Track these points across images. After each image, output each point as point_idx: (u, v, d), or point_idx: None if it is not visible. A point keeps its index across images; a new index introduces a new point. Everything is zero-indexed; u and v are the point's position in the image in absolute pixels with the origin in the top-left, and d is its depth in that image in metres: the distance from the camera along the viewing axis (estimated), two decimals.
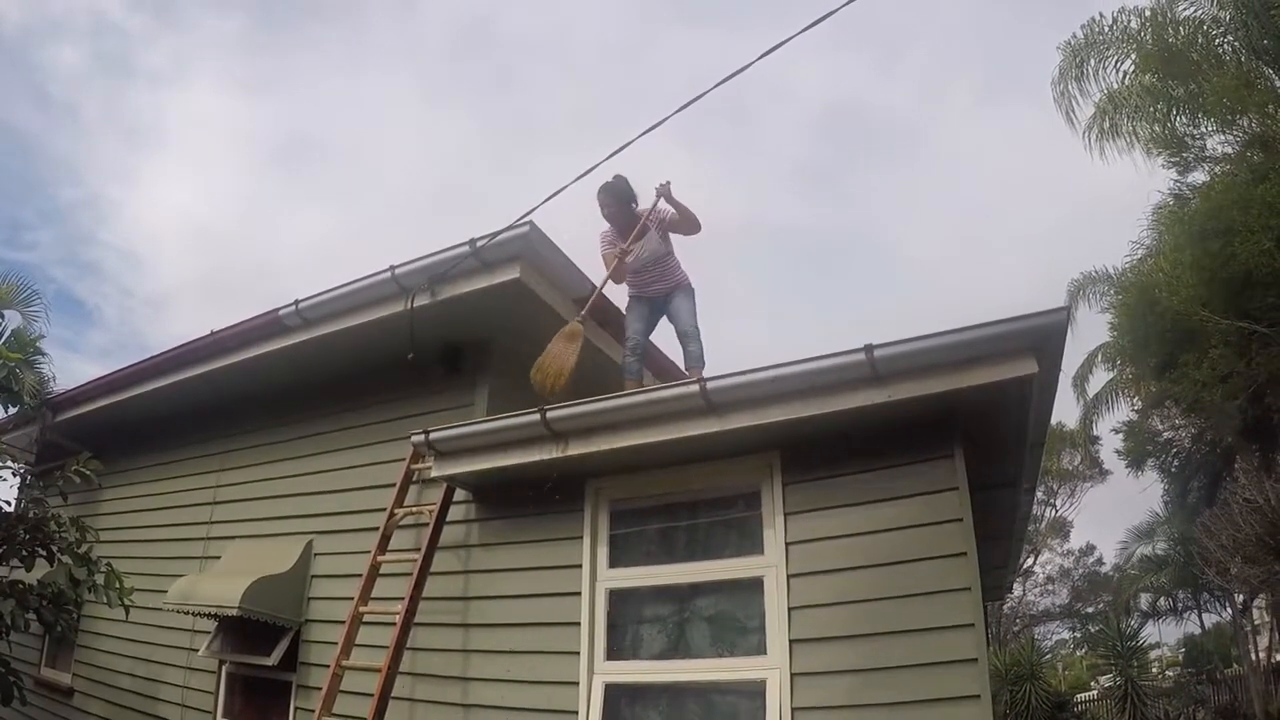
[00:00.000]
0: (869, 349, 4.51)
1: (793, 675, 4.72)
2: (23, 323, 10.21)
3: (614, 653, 5.47)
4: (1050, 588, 37.14)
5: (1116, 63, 15.91)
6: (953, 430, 4.71)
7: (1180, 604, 29.45)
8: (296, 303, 7.20)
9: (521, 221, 6.09)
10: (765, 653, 4.89)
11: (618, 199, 6.95)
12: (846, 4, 4.51)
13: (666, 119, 5.16)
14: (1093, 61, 16.03)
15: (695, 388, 5.03)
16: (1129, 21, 15.54)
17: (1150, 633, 29.84)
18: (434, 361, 6.99)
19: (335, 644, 6.14)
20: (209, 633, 7.58)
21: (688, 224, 6.86)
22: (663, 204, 6.87)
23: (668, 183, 6.83)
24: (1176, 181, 16.71)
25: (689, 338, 6.78)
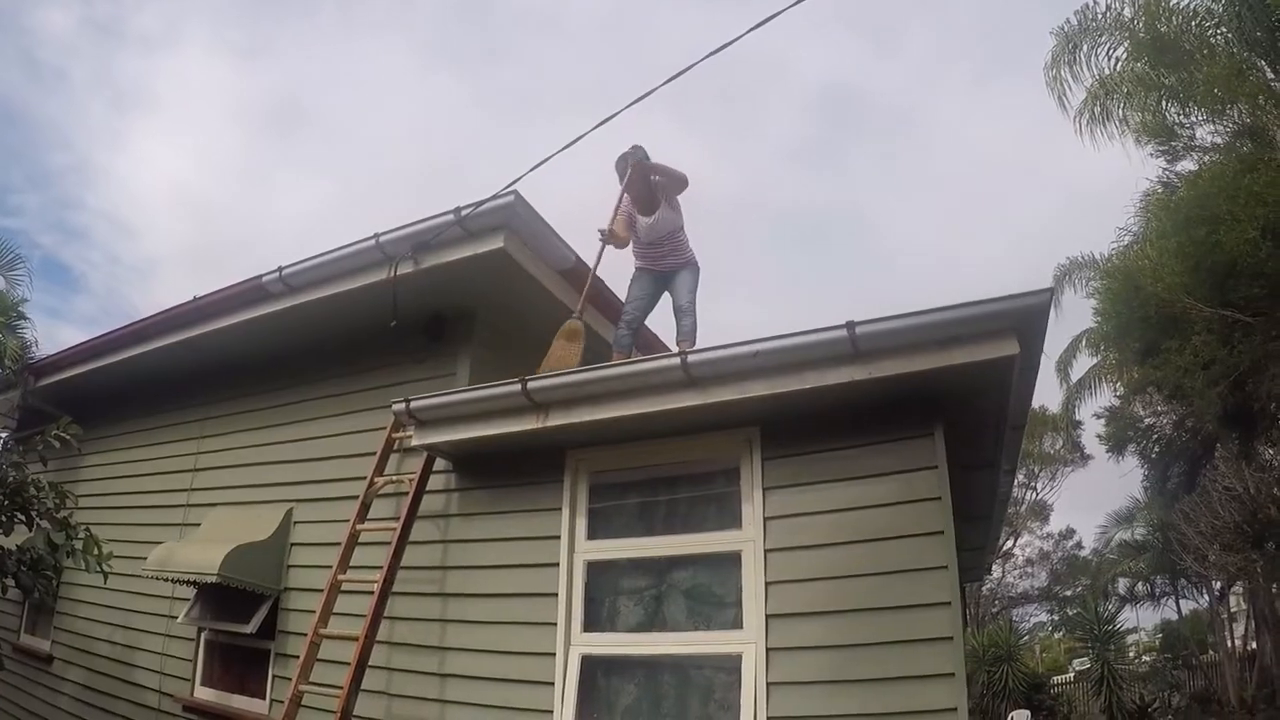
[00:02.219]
0: (850, 326, 4.48)
1: (768, 650, 4.72)
2: (6, 287, 10.12)
3: (591, 624, 5.47)
4: (1029, 570, 37.41)
5: (1109, 50, 15.88)
6: (933, 409, 4.70)
7: (1158, 589, 29.70)
8: (280, 269, 7.13)
9: (506, 191, 6.04)
10: (742, 627, 4.89)
11: (637, 167, 6.86)
12: None
13: (654, 90, 5.13)
14: (1085, 47, 16.00)
15: (676, 360, 5.02)
16: (1122, 9, 15.49)
17: (1128, 617, 30.05)
18: (417, 331, 6.95)
19: (313, 612, 6.11)
20: (188, 600, 7.55)
21: (676, 181, 6.80)
22: (656, 176, 6.81)
23: (638, 148, 6.84)
24: (1165, 170, 16.70)
25: (684, 313, 6.74)
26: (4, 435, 8.24)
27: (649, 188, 6.82)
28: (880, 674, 4.41)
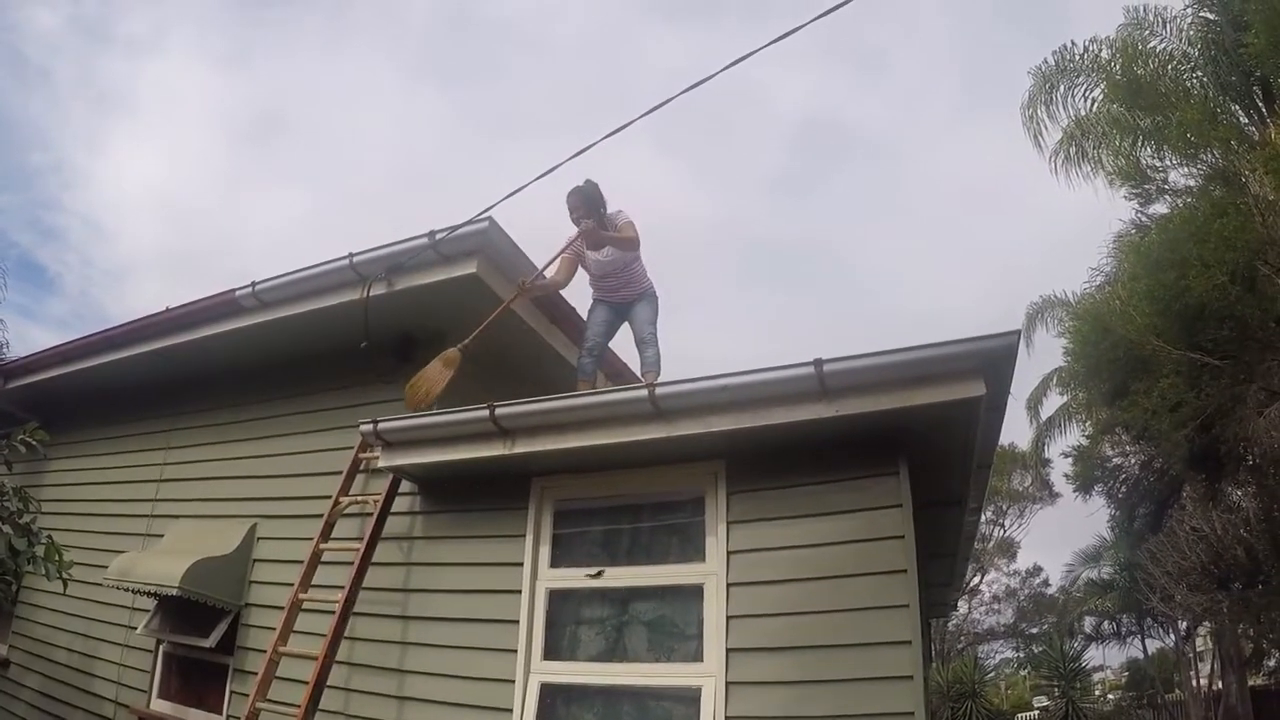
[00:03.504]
0: (818, 364, 4.49)
1: (728, 684, 4.69)
2: None
3: (551, 652, 5.42)
4: (996, 607, 37.54)
5: (1086, 91, 16.04)
6: (899, 447, 4.70)
7: (1124, 628, 29.78)
8: (253, 284, 7.10)
9: (481, 217, 6.05)
10: (702, 660, 4.86)
11: (588, 203, 6.82)
12: (816, 19, 4.49)
13: (630, 124, 5.13)
14: (1062, 88, 16.15)
15: (644, 392, 5.01)
16: (1100, 51, 15.65)
17: (1093, 655, 30.22)
18: (387, 351, 6.92)
19: (274, 629, 6.04)
20: (148, 611, 7.45)
21: (627, 246, 6.76)
22: (616, 216, 6.81)
23: (589, 224, 6.72)
24: (1138, 212, 16.85)
25: (646, 344, 6.71)
26: None
27: (599, 222, 6.78)
28: (840, 711, 4.39)
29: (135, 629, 7.61)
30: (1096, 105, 15.96)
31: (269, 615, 6.67)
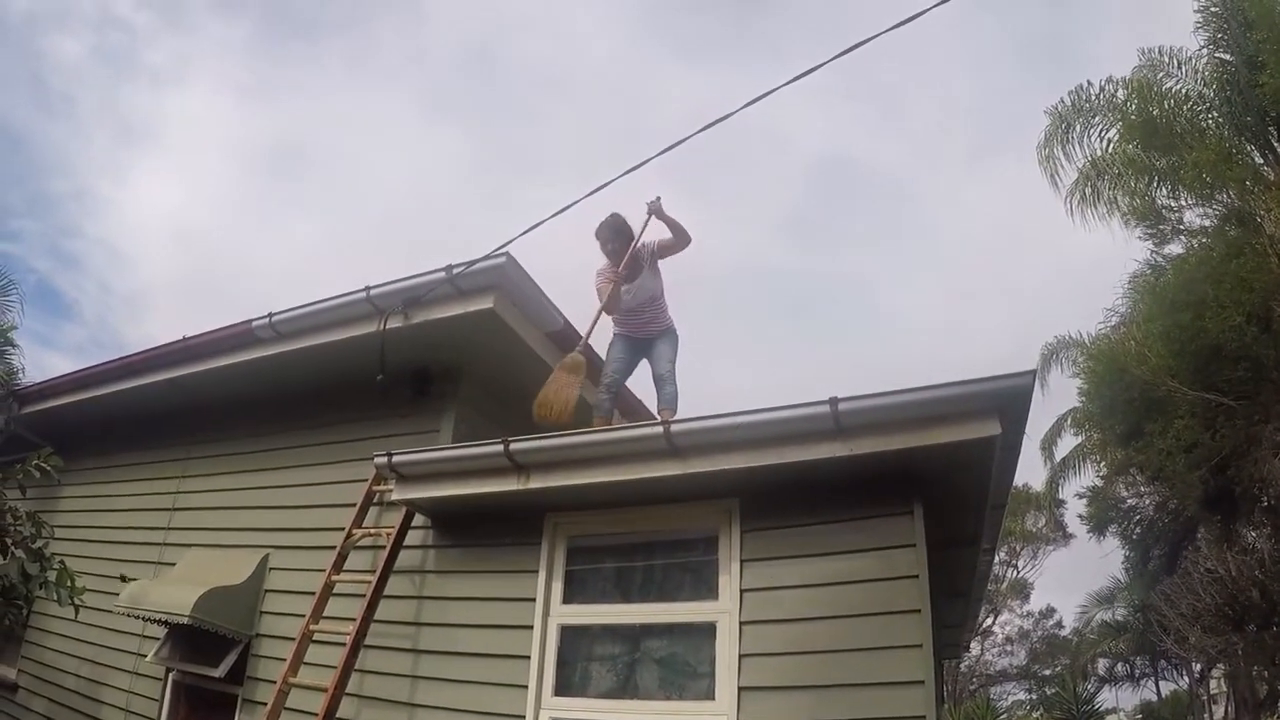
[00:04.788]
0: (833, 402, 4.52)
1: None
2: None
3: (562, 689, 5.41)
4: (1009, 648, 37.30)
5: (1102, 131, 16.10)
6: (913, 487, 4.71)
7: (1138, 670, 29.56)
8: (270, 315, 7.16)
9: (498, 252, 6.09)
10: (714, 698, 4.85)
11: (619, 235, 6.87)
12: (832, 59, 4.53)
13: (647, 161, 5.16)
14: (1078, 128, 16.20)
15: (659, 429, 5.04)
16: (1115, 91, 15.72)
17: (1107, 698, 29.93)
18: (403, 385, 6.96)
19: (284, 660, 6.04)
20: (158, 639, 7.45)
21: (679, 238, 6.80)
22: (653, 235, 6.86)
23: (658, 198, 6.78)
24: (1153, 252, 16.89)
25: (665, 380, 6.72)
26: None
27: (632, 254, 6.84)
28: None
29: (145, 657, 7.61)
30: (1112, 145, 16.02)
31: (279, 646, 6.67)
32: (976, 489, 5.08)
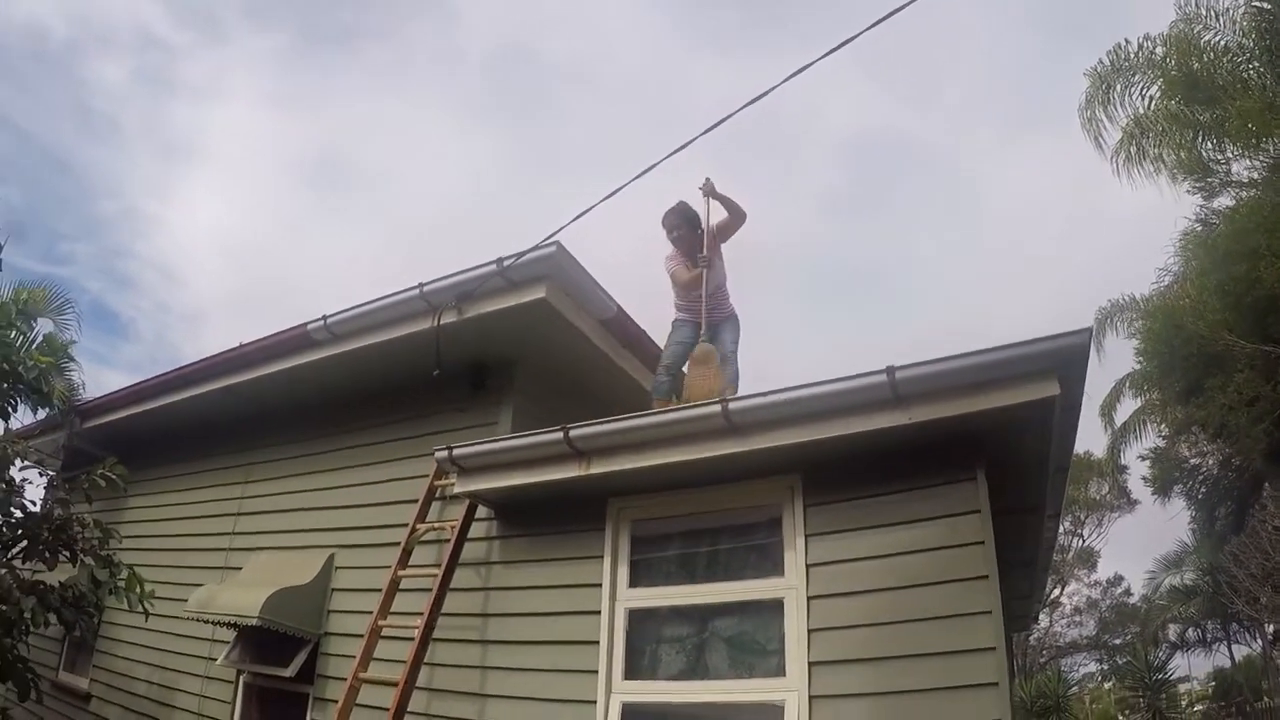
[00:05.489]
0: (890, 370, 4.53)
1: (811, 698, 4.69)
2: (54, 330, 10.32)
3: (632, 672, 5.46)
4: (1077, 619, 36.92)
5: (1143, 89, 15.93)
6: (975, 453, 4.71)
7: (1209, 635, 29.16)
8: (325, 318, 7.29)
9: (548, 242, 6.13)
10: (784, 675, 4.87)
11: (686, 221, 7.02)
12: (866, 30, 4.53)
13: (692, 141, 5.17)
14: (1119, 87, 16.05)
15: (718, 408, 5.06)
16: (1154, 48, 15.56)
17: (1179, 665, 29.57)
18: (459, 380, 7.08)
19: (353, 657, 6.18)
20: (228, 642, 7.63)
21: (735, 215, 6.90)
22: (712, 218, 6.95)
23: (709, 180, 6.89)
24: (1202, 207, 16.69)
25: (726, 361, 6.78)
26: (50, 475, 8.38)
27: (696, 239, 6.91)
28: None
29: (215, 660, 7.79)
30: (1154, 103, 15.85)
31: (348, 643, 6.82)
32: (1038, 452, 5.08)
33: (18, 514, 7.40)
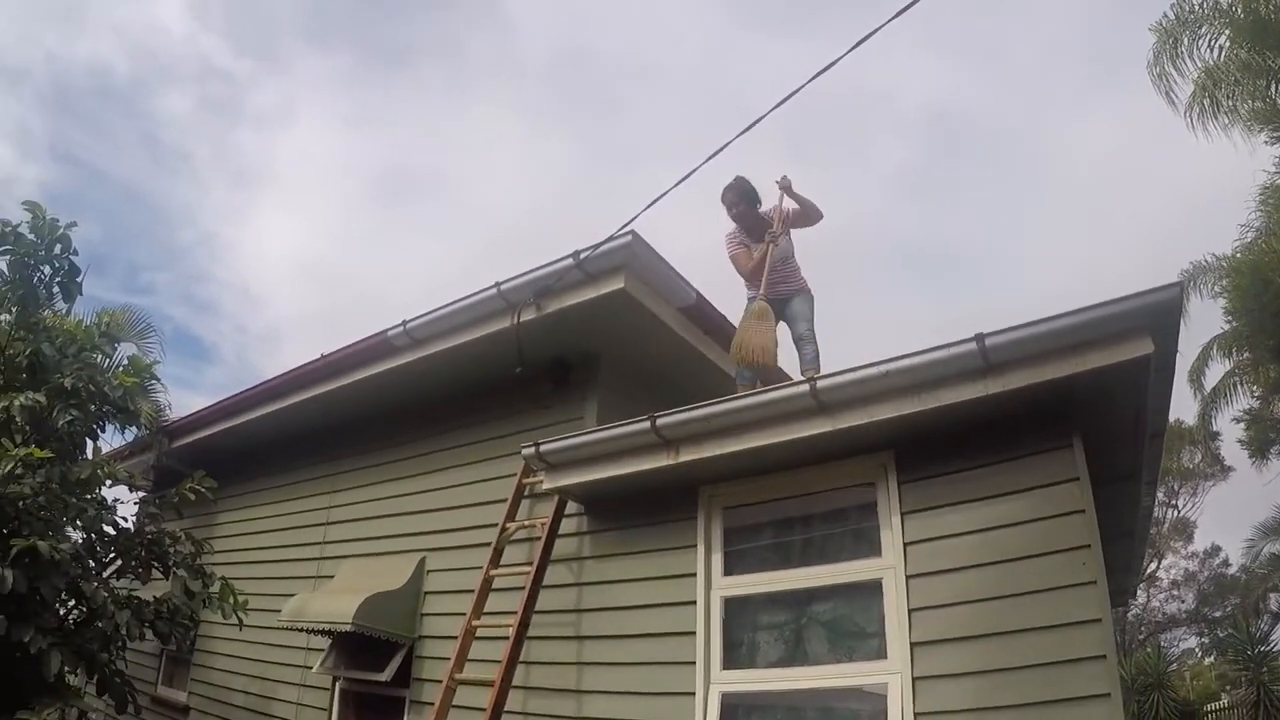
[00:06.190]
0: (980, 338, 4.55)
1: (914, 679, 4.71)
2: (138, 354, 10.66)
3: (730, 662, 5.53)
4: (1175, 593, 36.17)
5: (1210, 40, 15.72)
6: (1070, 419, 4.72)
7: None
8: (404, 323, 7.50)
9: (623, 231, 6.22)
10: (885, 657, 4.90)
11: (745, 198, 7.14)
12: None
13: (761, 119, 5.19)
14: (1186, 40, 15.85)
15: (805, 387, 5.12)
16: None
17: None
18: (542, 377, 7.24)
19: (448, 659, 6.36)
20: (322, 650, 7.89)
21: (809, 215, 7.04)
22: (785, 200, 7.04)
23: (786, 178, 7.00)
24: None
25: (805, 341, 6.88)
26: (142, 491, 8.66)
27: (757, 216, 7.01)
28: (1033, 698, 4.37)
29: (311, 668, 8.05)
30: (1223, 53, 15.63)
31: (442, 646, 7.03)
32: (1132, 416, 5.05)
33: (111, 531, 7.66)
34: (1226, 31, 15.47)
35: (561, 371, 7.22)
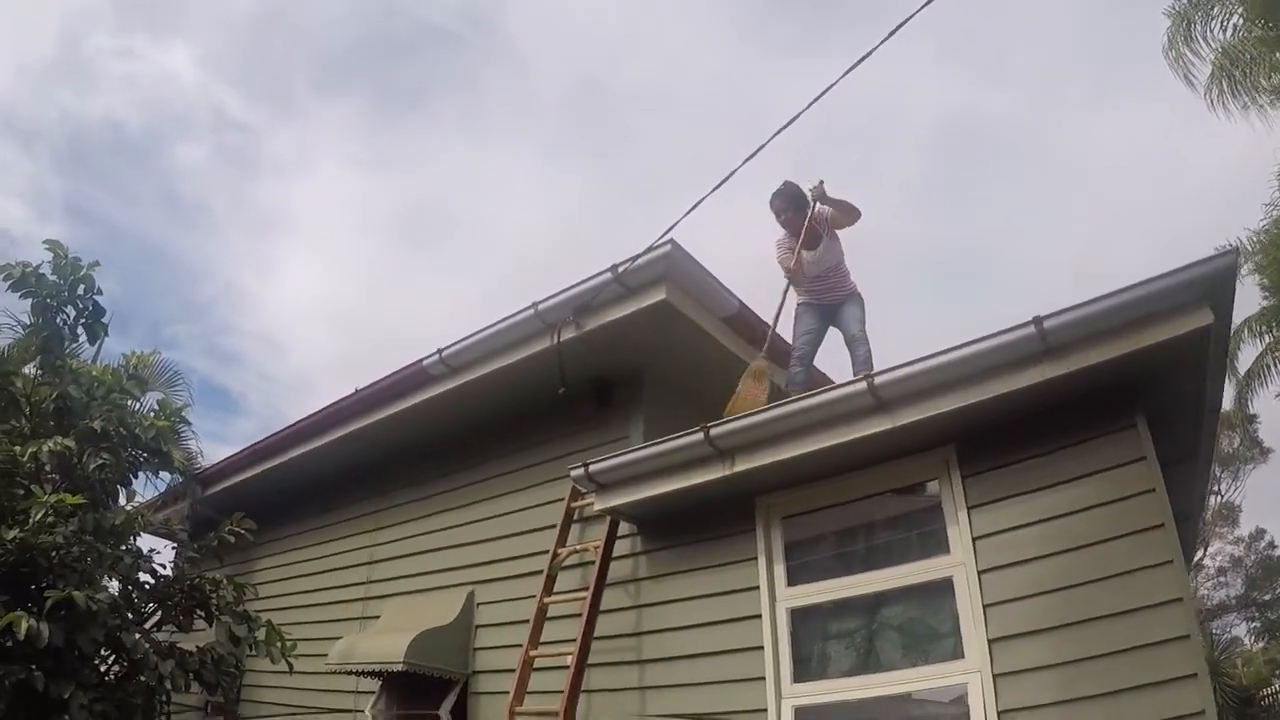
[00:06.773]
0: (1038, 321, 4.58)
1: (995, 676, 4.71)
2: (167, 399, 10.72)
3: (801, 674, 5.53)
4: (1223, 579, 35.93)
5: (1223, 20, 15.81)
6: (1131, 399, 4.74)
7: None
8: (439, 351, 7.56)
9: (662, 241, 6.27)
10: (963, 656, 4.91)
11: (793, 203, 7.21)
12: (925, 5, 4.64)
13: (786, 126, 5.34)
14: (1199, 22, 15.96)
15: (862, 384, 5.14)
16: None
17: None
18: (585, 397, 7.27)
19: (505, 693, 6.36)
20: (372, 693, 7.88)
21: (850, 214, 7.07)
22: (821, 206, 7.09)
23: (821, 182, 7.07)
24: None
25: (858, 342, 6.89)
26: (180, 538, 8.68)
27: (810, 223, 7.04)
28: (1118, 685, 4.38)
29: (362, 711, 8.02)
30: (1238, 31, 15.71)
31: (497, 680, 7.03)
32: (1191, 392, 5.06)
33: (149, 580, 7.68)
34: (1239, 10, 15.56)
35: (605, 390, 7.25)
